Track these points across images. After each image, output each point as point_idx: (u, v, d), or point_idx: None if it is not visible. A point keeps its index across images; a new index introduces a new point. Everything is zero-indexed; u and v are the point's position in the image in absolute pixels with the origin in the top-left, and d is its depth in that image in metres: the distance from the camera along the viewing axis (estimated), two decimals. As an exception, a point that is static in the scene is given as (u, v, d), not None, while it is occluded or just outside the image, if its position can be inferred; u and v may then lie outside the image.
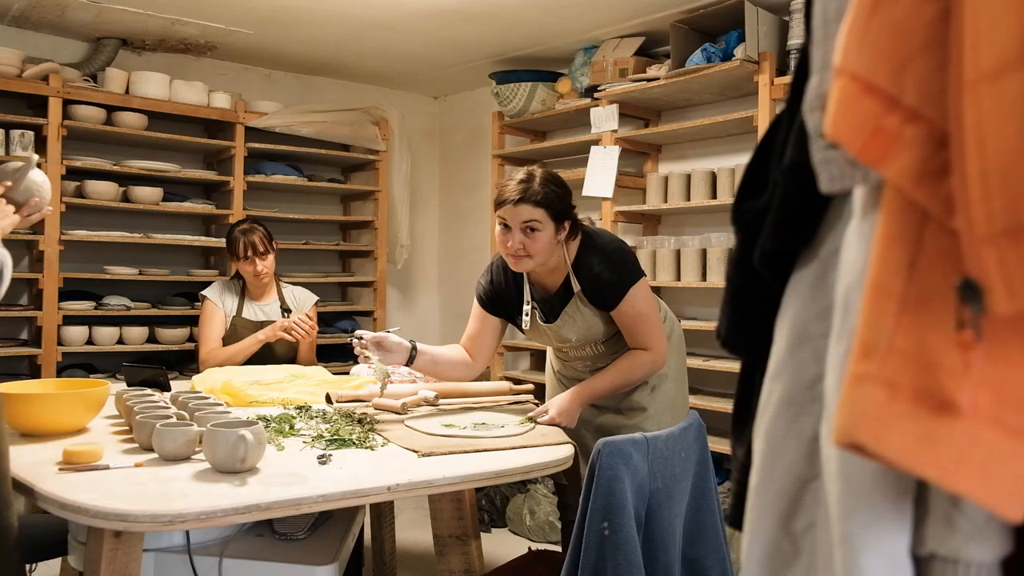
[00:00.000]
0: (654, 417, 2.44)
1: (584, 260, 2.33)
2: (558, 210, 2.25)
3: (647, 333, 2.34)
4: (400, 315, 5.41)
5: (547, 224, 2.24)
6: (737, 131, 3.79)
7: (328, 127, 4.62)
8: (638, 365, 2.35)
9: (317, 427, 2.20)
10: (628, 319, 2.33)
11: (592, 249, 2.33)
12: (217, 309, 3.42)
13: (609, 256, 2.32)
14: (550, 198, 2.23)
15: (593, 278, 2.32)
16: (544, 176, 2.26)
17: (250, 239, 3.35)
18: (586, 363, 2.50)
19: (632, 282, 2.31)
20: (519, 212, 2.23)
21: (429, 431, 2.18)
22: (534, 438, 2.15)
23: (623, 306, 2.31)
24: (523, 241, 2.26)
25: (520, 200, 2.21)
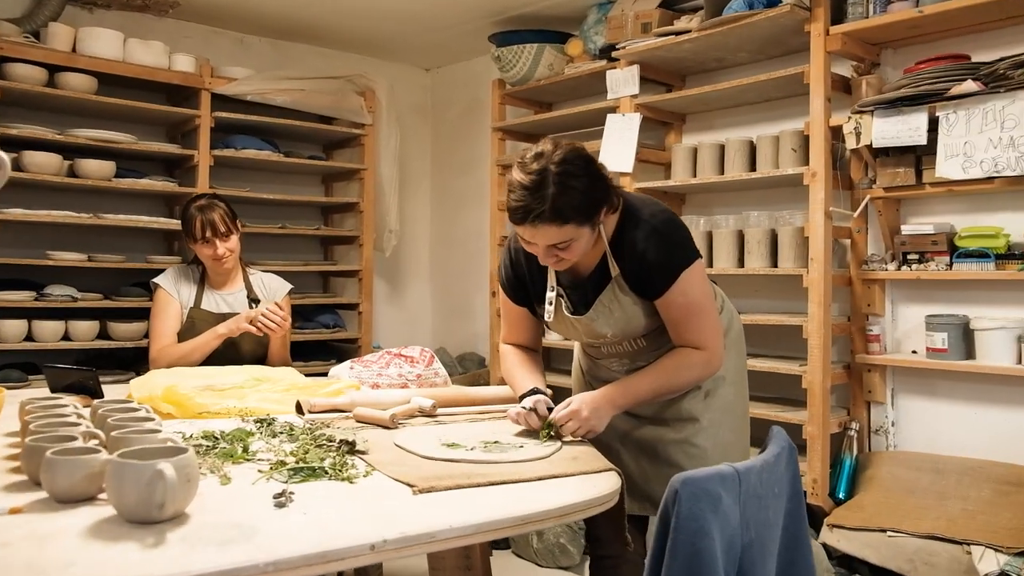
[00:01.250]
0: (708, 430, 1.96)
1: (625, 235, 1.82)
2: (590, 210, 1.73)
3: (700, 328, 1.84)
4: (388, 309, 4.91)
5: (580, 232, 1.74)
6: (778, 94, 3.29)
7: (307, 96, 4.10)
8: (688, 366, 1.85)
9: (279, 448, 1.68)
10: (677, 311, 1.83)
11: (636, 222, 1.82)
12: (171, 299, 2.90)
13: (657, 230, 1.81)
14: (574, 204, 1.69)
15: (636, 257, 1.81)
16: (560, 170, 1.68)
17: (208, 217, 2.83)
18: (622, 361, 1.99)
19: (685, 264, 1.81)
20: (538, 234, 1.73)
21: (427, 453, 1.67)
22: (564, 463, 1.64)
23: (672, 294, 1.81)
24: (555, 255, 1.78)
25: (536, 219, 1.69)
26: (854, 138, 2.82)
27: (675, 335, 1.87)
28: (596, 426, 1.78)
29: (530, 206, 1.68)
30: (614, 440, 2.02)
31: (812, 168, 2.91)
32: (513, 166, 1.76)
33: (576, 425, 1.75)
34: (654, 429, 1.98)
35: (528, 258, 1.93)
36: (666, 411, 1.96)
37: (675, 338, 1.87)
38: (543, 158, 1.70)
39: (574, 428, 1.75)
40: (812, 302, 2.91)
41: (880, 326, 3.03)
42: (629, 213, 1.82)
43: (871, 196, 2.89)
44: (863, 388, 3.07)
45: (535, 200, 1.68)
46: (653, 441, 1.97)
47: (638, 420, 2.00)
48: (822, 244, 2.88)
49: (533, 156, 1.72)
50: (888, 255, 2.99)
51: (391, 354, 2.63)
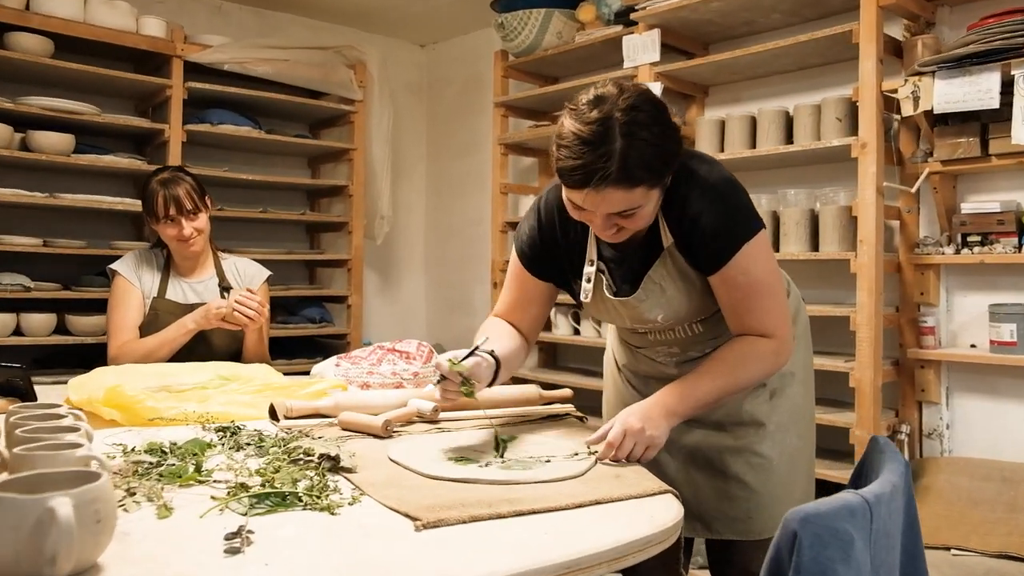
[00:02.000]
0: (775, 436, 1.63)
1: (677, 194, 1.46)
2: (663, 168, 1.36)
3: (765, 311, 1.48)
4: (379, 302, 4.57)
5: (650, 196, 1.38)
6: (817, 60, 2.95)
7: (291, 67, 3.74)
8: (755, 358, 1.49)
9: (242, 466, 1.32)
10: (737, 291, 1.47)
11: (690, 178, 1.46)
12: (131, 288, 2.54)
13: (715, 190, 1.45)
14: (646, 161, 1.32)
15: (689, 221, 1.45)
16: (629, 119, 1.30)
17: (172, 192, 2.47)
18: (671, 351, 1.65)
19: (747, 233, 1.46)
20: (602, 201, 1.35)
21: (431, 471, 1.31)
22: (606, 483, 1.29)
23: (731, 270, 1.46)
24: (616, 224, 1.41)
25: (601, 182, 1.32)
26: (911, 104, 2.48)
27: (734, 321, 1.51)
28: (657, 438, 1.41)
29: (593, 165, 1.30)
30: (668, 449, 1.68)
31: (862, 138, 2.56)
32: (564, 114, 1.39)
33: (632, 443, 1.39)
34: (708, 435, 1.64)
35: (566, 223, 1.57)
36: (723, 413, 1.62)
37: (734, 324, 1.51)
38: (606, 103, 1.32)
39: (630, 447, 1.39)
40: (861, 289, 2.56)
41: (934, 317, 2.69)
42: (684, 169, 1.47)
43: (929, 170, 2.54)
44: (915, 387, 2.73)
45: (599, 157, 1.30)
46: (707, 449, 1.63)
47: (687, 423, 1.66)
48: (873, 224, 2.54)
49: (593, 100, 1.34)
50: (944, 237, 2.65)
51: (384, 349, 2.27)
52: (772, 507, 1.63)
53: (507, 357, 1.56)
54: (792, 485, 1.65)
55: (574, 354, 3.95)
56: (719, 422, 1.63)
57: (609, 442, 1.39)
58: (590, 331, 3.53)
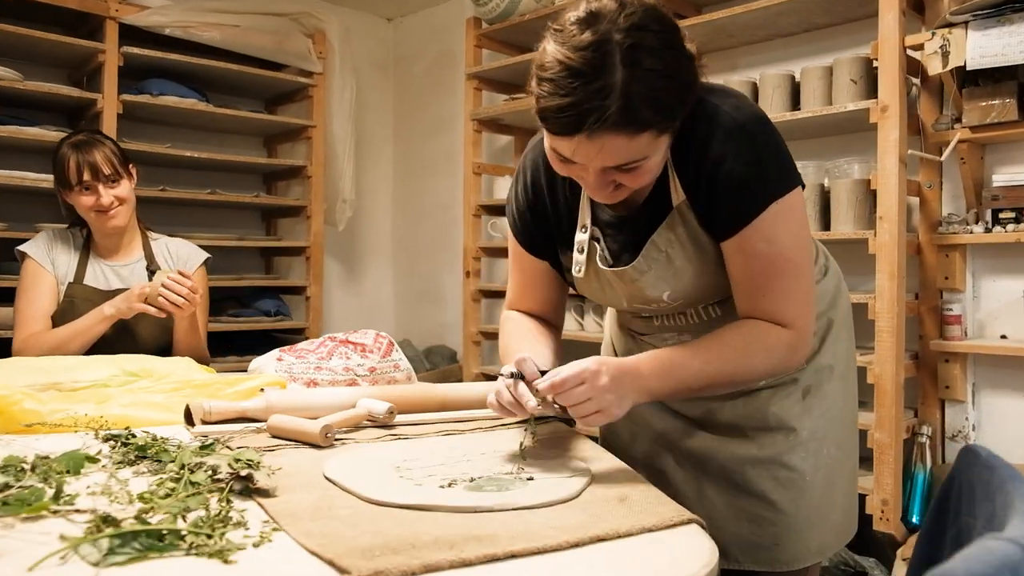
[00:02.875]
0: (808, 445, 1.32)
1: (695, 137, 1.14)
2: (675, 107, 1.04)
3: (786, 293, 1.17)
4: (341, 293, 4.23)
5: (657, 145, 1.06)
6: (824, 20, 2.64)
7: (243, 34, 3.41)
8: (765, 348, 1.17)
9: (122, 490, 0.99)
10: (756, 260, 1.15)
11: (713, 118, 1.13)
12: (43, 272, 2.22)
13: (744, 130, 1.12)
14: (657, 96, 1.00)
15: (711, 167, 1.13)
16: (634, 42, 0.99)
17: (87, 156, 2.15)
18: (680, 339, 1.34)
19: (780, 189, 1.14)
20: (600, 151, 1.03)
21: (374, 495, 0.98)
22: (608, 509, 0.97)
23: (753, 232, 1.14)
24: (613, 182, 1.09)
25: (598, 125, 1.00)
26: (939, 60, 2.18)
27: (744, 301, 1.20)
28: (615, 408, 1.08)
29: (585, 104, 0.98)
30: (661, 454, 1.37)
31: (882, 101, 2.26)
32: (546, 38, 1.06)
33: (585, 396, 1.06)
34: (725, 442, 1.33)
35: (552, 182, 1.26)
36: (745, 415, 1.31)
37: (744, 305, 1.20)
38: (602, 22, 1.00)
39: (579, 400, 1.06)
40: (881, 273, 2.27)
41: (960, 304, 2.40)
42: (702, 102, 1.14)
43: (959, 137, 2.25)
44: (937, 383, 2.44)
45: (594, 93, 0.98)
46: (724, 459, 1.32)
47: (690, 425, 1.36)
48: (895, 199, 2.24)
49: (585, 18, 1.02)
50: (971, 214, 2.36)
51: (335, 341, 1.94)
52: (805, 532, 1.31)
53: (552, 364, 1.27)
54: (829, 505, 1.34)
55: (578, 350, 3.62)
56: (737, 425, 1.32)
57: (555, 382, 1.05)
58: (593, 325, 3.21)
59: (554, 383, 1.05)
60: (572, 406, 1.06)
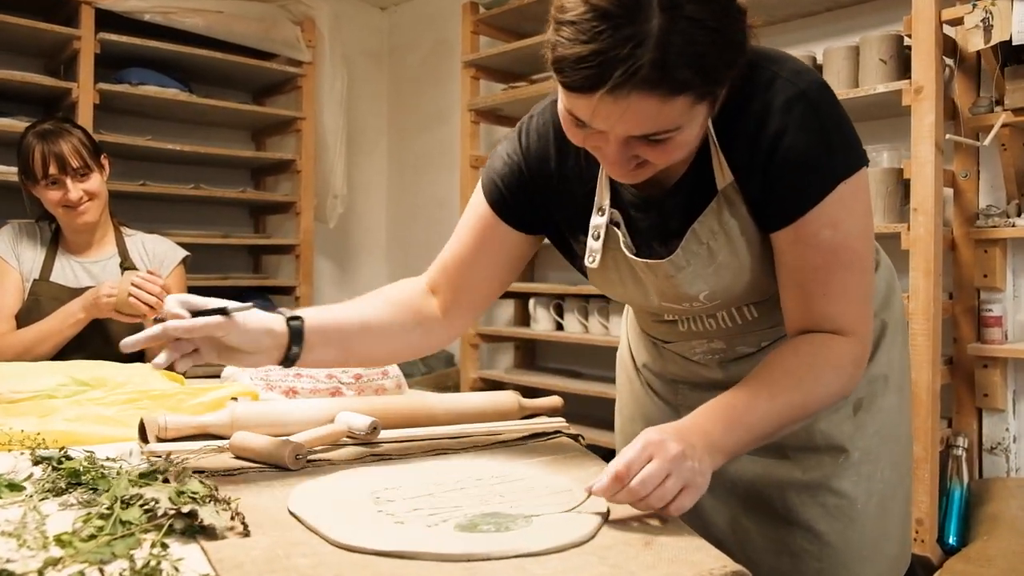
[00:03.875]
0: (860, 468, 1.14)
1: (751, 107, 0.95)
2: (722, 68, 0.86)
3: (848, 292, 0.99)
4: (333, 293, 4.09)
5: (693, 114, 0.87)
6: (849, -2, 2.47)
7: (227, 21, 3.26)
8: (829, 368, 0.98)
9: (38, 527, 0.81)
10: (818, 253, 0.96)
11: (771, 85, 0.94)
12: (7, 268, 2.10)
13: (806, 99, 0.94)
14: (699, 52, 0.82)
15: (770, 142, 0.94)
16: None
17: (53, 147, 2.01)
18: (713, 345, 1.15)
19: (848, 169, 0.96)
20: (621, 112, 0.84)
21: (345, 539, 0.80)
22: (636, 555, 0.79)
23: (816, 218, 0.95)
24: (636, 157, 0.90)
25: (625, 80, 0.81)
26: (980, 35, 2.00)
27: (796, 304, 1.01)
28: (700, 475, 0.86)
29: (612, 52, 0.80)
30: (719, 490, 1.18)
31: (916, 82, 2.08)
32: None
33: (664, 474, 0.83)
34: (763, 464, 1.15)
35: (564, 150, 1.07)
36: (796, 434, 1.11)
37: (796, 310, 1.01)
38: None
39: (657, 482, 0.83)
40: (916, 270, 2.08)
41: (1001, 305, 2.22)
42: (756, 66, 0.95)
43: (1003, 120, 2.06)
44: (974, 391, 2.25)
45: (623, 41, 0.79)
46: (762, 485, 1.14)
47: None
48: (931, 189, 2.06)
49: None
50: (1013, 206, 2.17)
51: (318, 345, 1.75)
52: (855, 567, 1.13)
53: (344, 331, 1.06)
54: (883, 536, 1.15)
55: (557, 352, 3.46)
56: (779, 445, 1.13)
57: (619, 471, 0.83)
58: (575, 325, 3.04)
59: (618, 472, 0.83)
60: (651, 493, 0.84)
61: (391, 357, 1.20)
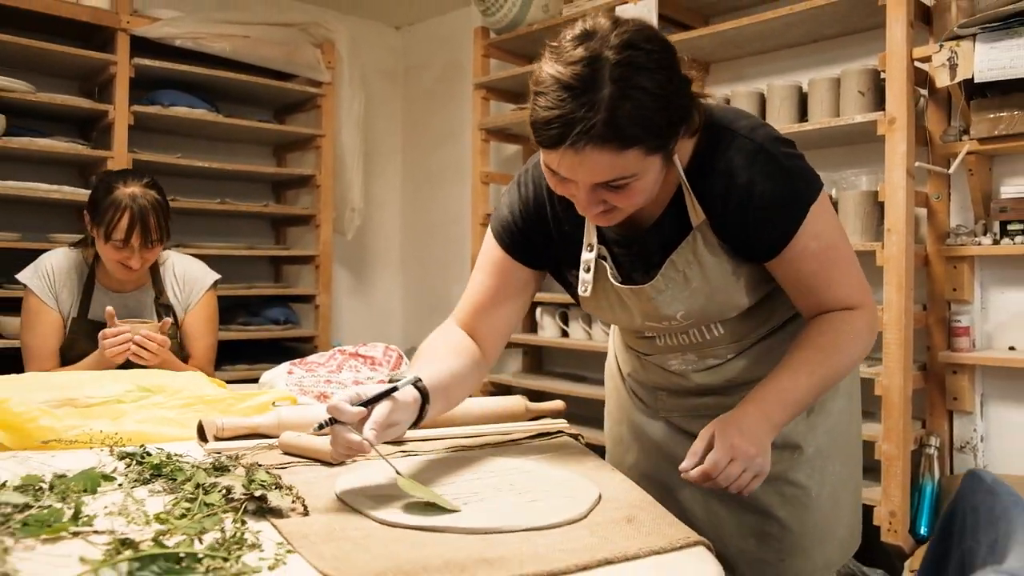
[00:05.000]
0: (814, 462, 1.34)
1: (716, 162, 1.16)
2: (665, 127, 1.06)
3: (848, 277, 1.22)
4: (350, 302, 4.25)
5: (647, 164, 1.07)
6: (832, 31, 2.65)
7: (252, 45, 3.42)
8: (851, 337, 1.21)
9: (138, 510, 1.01)
10: (813, 260, 1.19)
11: (729, 140, 1.15)
12: (45, 309, 2.18)
13: (765, 151, 1.14)
14: (644, 115, 1.02)
15: (741, 193, 1.15)
16: (624, 59, 1.02)
17: (143, 215, 2.08)
18: (687, 358, 1.35)
19: (811, 196, 1.17)
20: (583, 165, 1.05)
21: (386, 516, 1.00)
22: (619, 530, 0.99)
23: (802, 238, 1.17)
24: (603, 201, 1.11)
25: (581, 138, 1.02)
26: (946, 73, 2.19)
27: (809, 301, 1.23)
28: (766, 465, 1.12)
29: (572, 115, 1.01)
30: (667, 468, 1.38)
31: (890, 113, 2.27)
32: (543, 55, 1.09)
33: (740, 468, 1.09)
34: None
35: (555, 199, 1.27)
36: None
37: (810, 304, 1.24)
38: (595, 40, 1.03)
39: (736, 474, 1.09)
40: (889, 285, 2.27)
41: (968, 316, 2.41)
42: (716, 128, 1.16)
43: (968, 148, 2.25)
44: (945, 394, 2.44)
45: (580, 106, 1.00)
46: None
47: None
48: (903, 211, 2.25)
49: (579, 36, 1.05)
50: (979, 226, 2.36)
51: (345, 354, 1.96)
52: (810, 549, 1.33)
53: (445, 385, 1.22)
54: (835, 522, 1.35)
55: (562, 358, 3.64)
56: None
57: (706, 469, 1.08)
58: (579, 332, 3.22)
59: (707, 471, 1.08)
60: (731, 485, 1.09)
61: (465, 398, 1.36)
